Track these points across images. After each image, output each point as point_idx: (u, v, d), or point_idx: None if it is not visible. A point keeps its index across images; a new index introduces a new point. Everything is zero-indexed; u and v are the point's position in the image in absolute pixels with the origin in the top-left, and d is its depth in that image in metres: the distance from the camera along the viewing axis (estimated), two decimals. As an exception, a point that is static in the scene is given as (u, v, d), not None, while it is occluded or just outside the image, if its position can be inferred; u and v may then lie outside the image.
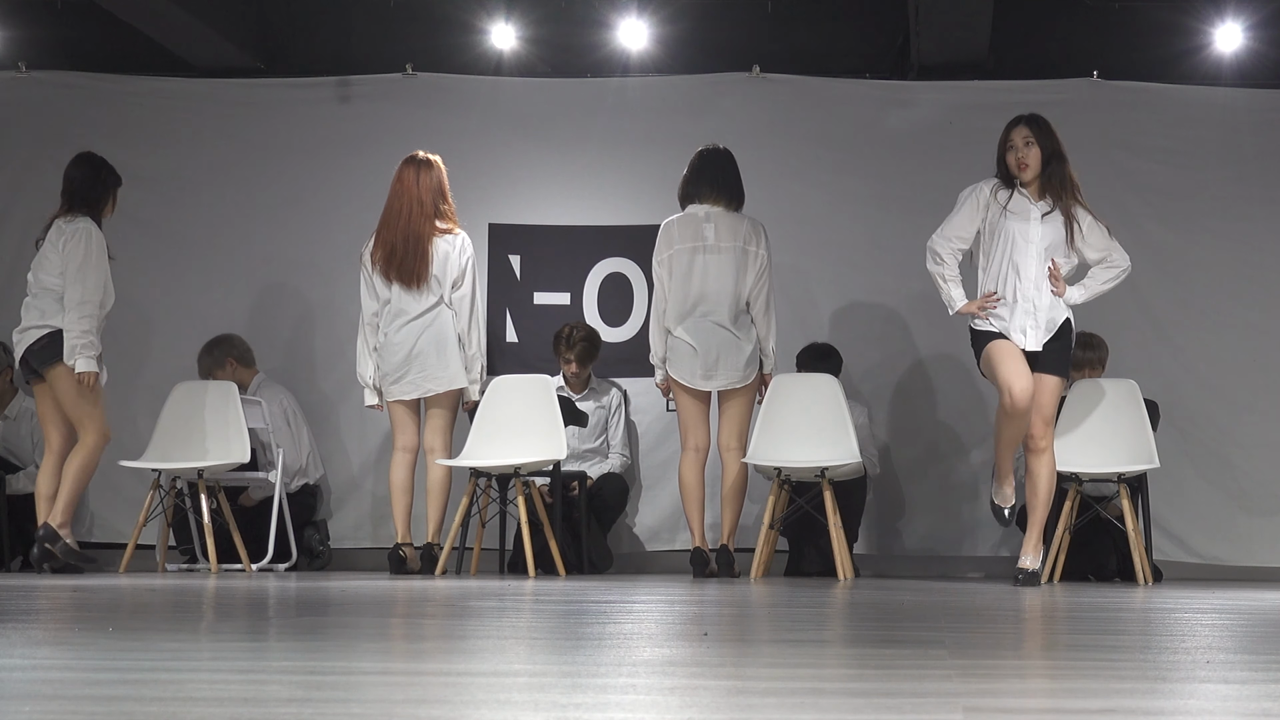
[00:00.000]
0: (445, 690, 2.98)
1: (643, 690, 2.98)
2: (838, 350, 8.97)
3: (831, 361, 8.93)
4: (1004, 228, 7.54)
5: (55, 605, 5.62)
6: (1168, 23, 9.33)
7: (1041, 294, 7.53)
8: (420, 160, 8.42)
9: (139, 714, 2.60)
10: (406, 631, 4.60)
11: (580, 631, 4.48)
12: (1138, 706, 2.79)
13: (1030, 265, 7.52)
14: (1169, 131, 9.32)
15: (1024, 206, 7.56)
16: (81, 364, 8.00)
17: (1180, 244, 9.20)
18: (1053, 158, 7.56)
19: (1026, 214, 7.55)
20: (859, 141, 9.41)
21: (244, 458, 8.63)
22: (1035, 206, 7.55)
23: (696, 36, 9.62)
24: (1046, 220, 7.54)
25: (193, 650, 3.86)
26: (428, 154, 8.45)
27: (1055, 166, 7.56)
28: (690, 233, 8.34)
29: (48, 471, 8.23)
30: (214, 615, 5.29)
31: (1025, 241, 7.53)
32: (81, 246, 8.09)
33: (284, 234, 9.51)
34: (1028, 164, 7.54)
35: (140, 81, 9.73)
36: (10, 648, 3.76)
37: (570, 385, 9.15)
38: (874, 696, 2.92)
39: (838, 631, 4.76)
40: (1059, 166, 7.56)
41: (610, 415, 9.17)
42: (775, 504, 8.31)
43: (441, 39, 9.64)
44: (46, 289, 8.14)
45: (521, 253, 9.52)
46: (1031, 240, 7.53)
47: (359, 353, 8.55)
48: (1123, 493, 8.13)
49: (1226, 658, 3.82)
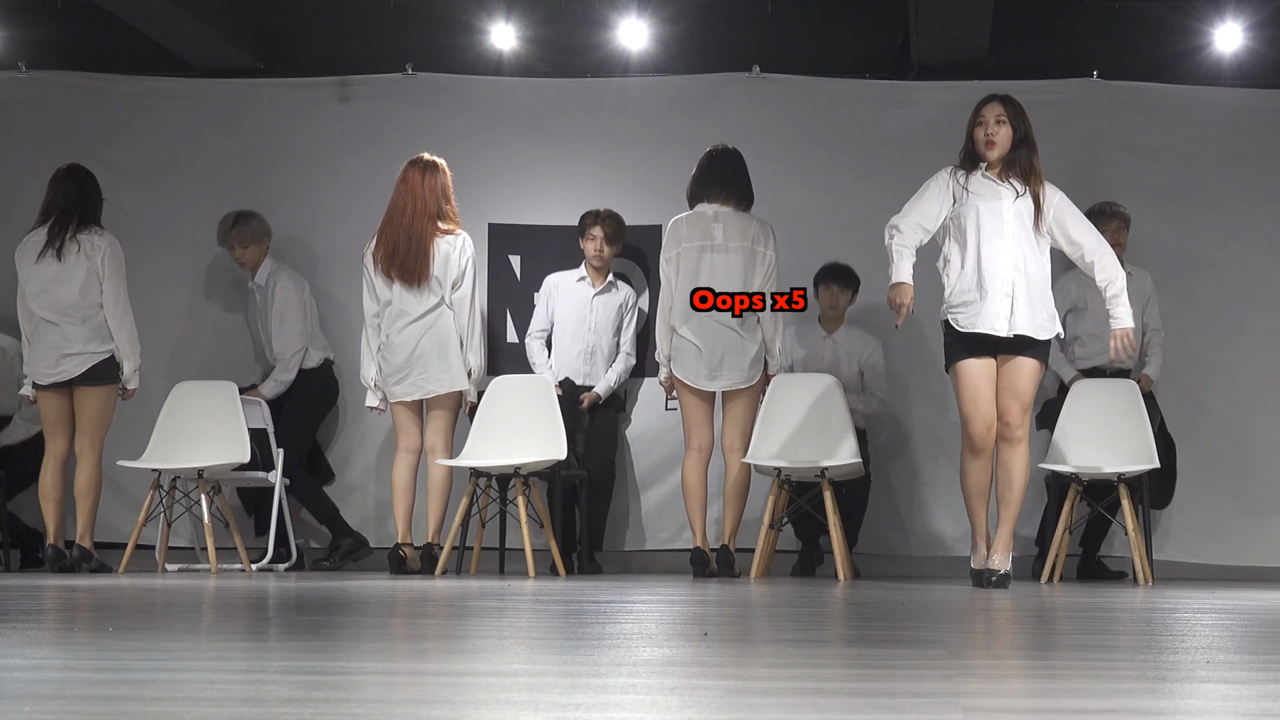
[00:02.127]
0: (445, 690, 2.98)
1: (643, 690, 2.98)
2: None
3: (852, 279, 8.98)
4: (972, 212, 7.18)
5: (55, 605, 5.62)
6: (1168, 23, 9.33)
7: (1025, 276, 7.15)
8: (426, 162, 8.43)
9: (139, 714, 2.60)
10: (406, 631, 4.59)
11: (580, 631, 4.48)
12: (1138, 706, 2.79)
13: (1007, 247, 7.16)
14: (1169, 131, 9.31)
15: (992, 188, 7.22)
16: (135, 381, 8.46)
17: (1180, 244, 9.19)
18: (1023, 142, 7.25)
19: (997, 194, 7.20)
20: (859, 141, 9.41)
21: (244, 458, 8.63)
22: (1004, 187, 7.21)
23: (696, 36, 9.62)
24: (1019, 201, 7.19)
25: (193, 650, 3.86)
26: (433, 156, 8.47)
27: (1024, 151, 7.24)
28: (698, 231, 8.35)
29: (54, 474, 8.38)
30: (214, 615, 5.29)
31: (1000, 223, 7.16)
32: (121, 262, 8.41)
33: (284, 234, 9.51)
34: (995, 142, 7.23)
35: (140, 81, 9.73)
36: (10, 648, 3.76)
37: (591, 274, 9.06)
38: (874, 696, 2.92)
39: (838, 631, 4.76)
40: (1027, 152, 7.23)
41: (626, 314, 9.12)
42: (775, 504, 8.31)
43: (441, 39, 9.64)
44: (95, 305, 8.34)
45: (521, 253, 9.52)
46: (1006, 220, 7.16)
47: (363, 354, 8.56)
48: (1123, 493, 8.13)
49: (1226, 658, 3.82)
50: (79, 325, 8.32)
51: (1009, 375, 7.19)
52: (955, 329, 7.25)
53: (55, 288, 8.33)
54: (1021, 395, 7.20)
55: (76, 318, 8.32)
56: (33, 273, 8.37)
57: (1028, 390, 7.23)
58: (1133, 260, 8.87)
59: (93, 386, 8.34)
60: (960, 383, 7.23)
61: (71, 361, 8.32)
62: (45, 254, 8.33)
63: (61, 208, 8.37)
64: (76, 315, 8.32)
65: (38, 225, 8.44)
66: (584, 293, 9.05)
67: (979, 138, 7.30)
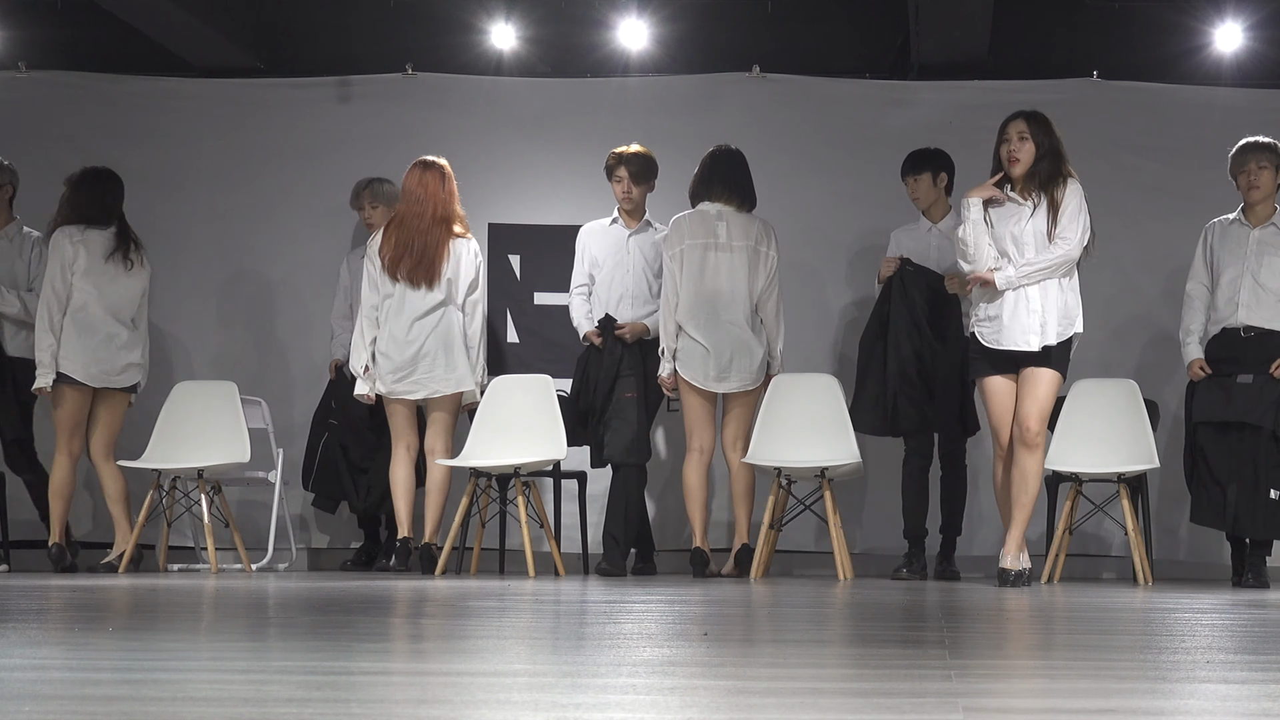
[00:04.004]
0: (445, 690, 2.98)
1: (643, 690, 2.98)
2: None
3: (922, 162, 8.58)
4: (998, 236, 7.47)
5: (55, 605, 5.62)
6: (1168, 23, 9.33)
7: (1041, 289, 7.41)
8: (437, 165, 8.40)
9: (139, 714, 2.61)
10: (406, 631, 4.59)
11: (580, 631, 4.49)
12: (1138, 706, 2.79)
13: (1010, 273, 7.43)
14: (1169, 131, 9.32)
15: (1014, 209, 7.48)
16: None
17: (1180, 244, 9.18)
18: (1047, 155, 7.45)
19: (1018, 215, 7.46)
20: (859, 141, 9.41)
21: (244, 458, 8.63)
22: (1025, 206, 7.47)
23: (696, 36, 9.62)
24: (1035, 215, 7.44)
25: (193, 650, 3.86)
26: (437, 158, 8.45)
27: (1047, 164, 7.44)
28: (703, 229, 8.33)
29: (69, 473, 8.46)
30: (214, 615, 5.29)
31: (1020, 245, 7.43)
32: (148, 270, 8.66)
33: (284, 234, 9.51)
34: (1018, 159, 7.44)
35: (140, 81, 9.73)
36: (10, 648, 3.76)
37: (624, 217, 8.68)
38: (874, 696, 2.92)
39: (838, 631, 4.76)
40: (1051, 164, 7.44)
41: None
42: (775, 504, 8.30)
43: (441, 39, 9.64)
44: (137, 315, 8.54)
45: (521, 253, 9.52)
46: (1026, 242, 7.43)
47: (354, 344, 8.52)
48: (1123, 493, 8.13)
49: (1226, 658, 3.82)
50: (129, 332, 8.47)
51: (1030, 384, 7.46)
52: (981, 344, 7.52)
53: (119, 291, 8.45)
54: (1041, 404, 7.46)
55: (126, 325, 8.47)
56: (99, 268, 8.38)
57: (1047, 399, 7.48)
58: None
59: (122, 392, 8.50)
60: (988, 399, 7.57)
61: (116, 366, 8.41)
62: (114, 256, 8.44)
63: (121, 213, 8.53)
64: (127, 323, 8.48)
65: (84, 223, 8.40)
66: (618, 235, 8.69)
67: (1003, 154, 7.51)
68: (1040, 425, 7.47)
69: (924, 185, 8.59)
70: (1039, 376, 7.44)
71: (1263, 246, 8.00)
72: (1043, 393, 7.45)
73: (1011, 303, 7.42)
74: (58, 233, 8.42)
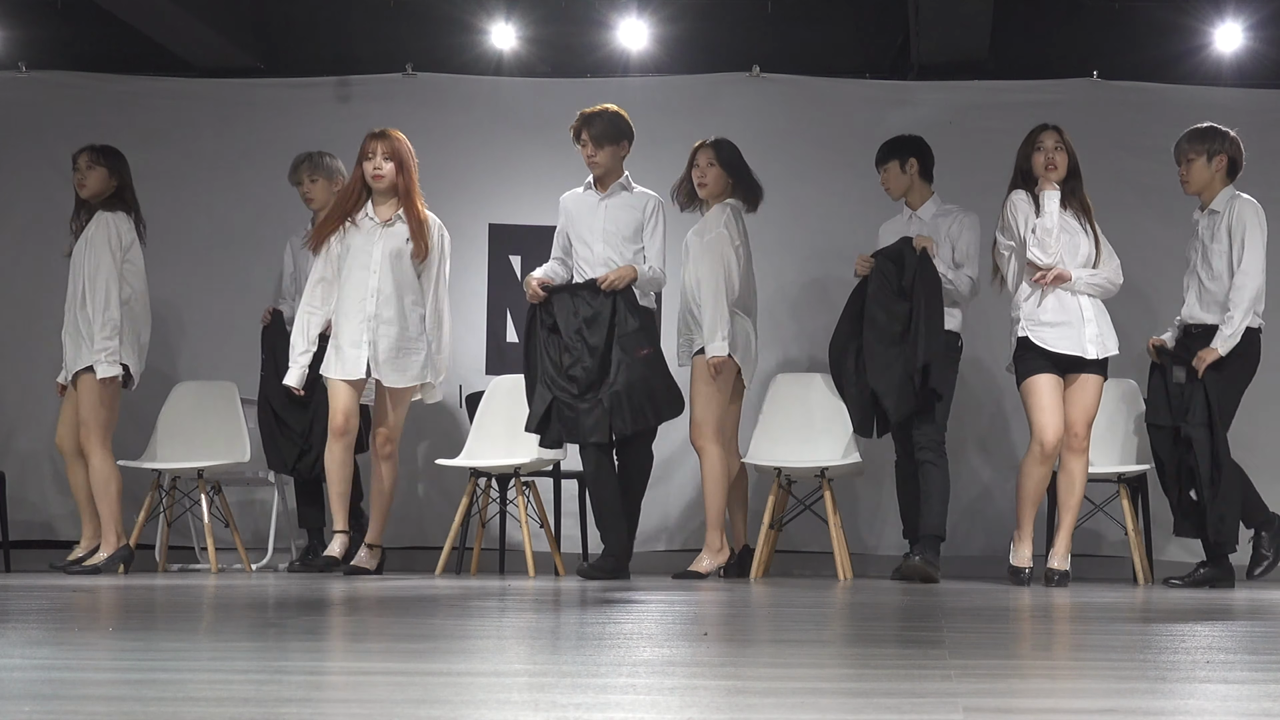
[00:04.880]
0: (446, 690, 2.98)
1: (643, 690, 2.98)
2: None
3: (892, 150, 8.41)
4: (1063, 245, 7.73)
5: (55, 605, 5.62)
6: (1168, 23, 9.33)
7: (1097, 307, 7.78)
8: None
9: (139, 714, 2.61)
10: (407, 631, 4.59)
11: (580, 631, 4.49)
12: (1138, 706, 2.79)
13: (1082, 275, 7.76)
14: (1169, 131, 9.28)
15: (1072, 224, 7.75)
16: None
17: (1180, 244, 9.18)
18: (1075, 170, 7.76)
19: (1078, 228, 7.75)
20: (859, 141, 9.39)
21: (244, 457, 8.63)
22: (1082, 234, 7.78)
23: (696, 36, 9.63)
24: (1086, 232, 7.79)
25: (193, 650, 3.86)
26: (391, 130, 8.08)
27: (1077, 182, 7.77)
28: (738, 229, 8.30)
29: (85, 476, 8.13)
30: (214, 615, 5.29)
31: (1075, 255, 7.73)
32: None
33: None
34: (1057, 165, 7.69)
35: (140, 81, 9.74)
36: (10, 648, 3.76)
37: (595, 182, 8.28)
38: (874, 696, 2.92)
39: (838, 631, 4.76)
40: (1079, 183, 7.77)
41: (646, 221, 8.20)
42: (775, 504, 8.30)
43: (441, 39, 9.64)
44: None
45: (521, 253, 9.51)
46: (1080, 252, 7.74)
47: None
48: (1123, 493, 8.13)
49: (1226, 658, 3.82)
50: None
51: (1080, 391, 7.73)
52: (1035, 344, 7.70)
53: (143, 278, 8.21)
54: (1089, 410, 7.74)
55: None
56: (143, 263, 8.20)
57: (1094, 406, 7.77)
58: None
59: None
60: (1035, 398, 7.71)
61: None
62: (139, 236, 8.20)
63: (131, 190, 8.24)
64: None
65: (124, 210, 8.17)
66: (590, 201, 8.28)
67: (1038, 162, 7.72)
68: (1088, 431, 7.72)
69: (892, 174, 8.40)
70: (1089, 383, 7.72)
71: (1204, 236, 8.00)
72: (1091, 400, 7.72)
73: (1075, 309, 7.70)
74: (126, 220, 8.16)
